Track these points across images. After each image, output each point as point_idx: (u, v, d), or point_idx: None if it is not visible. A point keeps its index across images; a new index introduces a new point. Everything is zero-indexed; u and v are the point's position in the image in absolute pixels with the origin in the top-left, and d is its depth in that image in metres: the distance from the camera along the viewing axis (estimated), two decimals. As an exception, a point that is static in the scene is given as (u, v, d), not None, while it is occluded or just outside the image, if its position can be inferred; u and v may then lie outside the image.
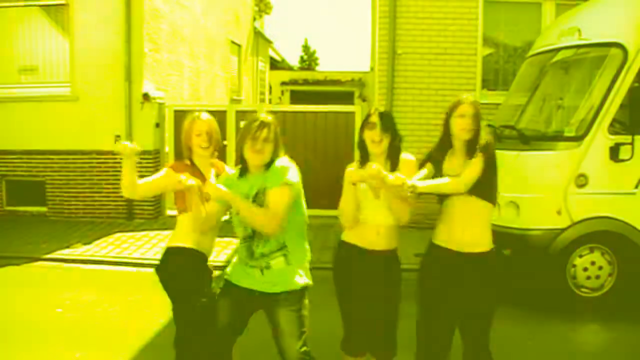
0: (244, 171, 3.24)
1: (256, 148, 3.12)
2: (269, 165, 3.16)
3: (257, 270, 3.17)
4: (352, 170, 3.14)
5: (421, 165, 3.28)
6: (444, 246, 3.23)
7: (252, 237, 3.18)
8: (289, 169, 3.13)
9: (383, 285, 3.31)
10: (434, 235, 3.32)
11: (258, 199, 3.11)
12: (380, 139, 3.24)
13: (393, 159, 3.27)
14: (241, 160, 3.23)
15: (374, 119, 3.27)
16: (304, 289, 3.22)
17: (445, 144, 3.27)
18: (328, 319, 3.81)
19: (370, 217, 3.27)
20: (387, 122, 3.27)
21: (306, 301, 3.22)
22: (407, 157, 3.29)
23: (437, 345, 3.29)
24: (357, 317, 3.36)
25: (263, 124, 3.15)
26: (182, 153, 3.55)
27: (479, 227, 3.20)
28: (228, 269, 3.37)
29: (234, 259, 3.38)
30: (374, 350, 3.40)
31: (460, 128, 3.16)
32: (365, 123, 3.32)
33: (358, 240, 3.31)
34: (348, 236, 3.36)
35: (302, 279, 3.21)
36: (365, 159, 3.30)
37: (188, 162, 3.46)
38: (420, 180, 3.06)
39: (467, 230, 3.17)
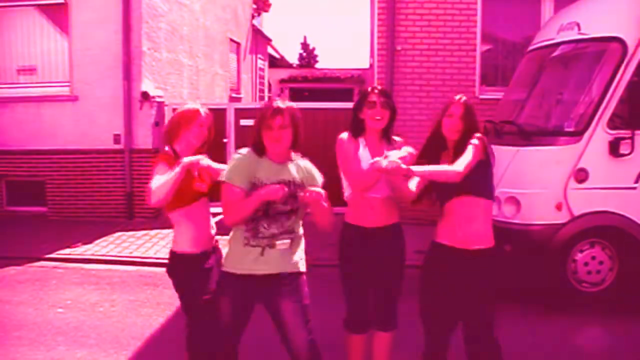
0: (261, 152, 3.15)
1: (274, 137, 3.09)
2: (291, 151, 3.18)
3: (257, 250, 3.08)
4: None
5: (416, 161, 3.26)
6: (445, 243, 3.24)
7: (262, 216, 3.07)
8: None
9: (386, 261, 3.41)
10: (435, 233, 3.33)
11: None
12: (382, 116, 3.39)
13: (388, 136, 3.43)
14: (259, 148, 3.16)
15: (374, 97, 3.42)
16: (302, 275, 3.18)
17: (436, 141, 3.29)
18: (329, 316, 3.82)
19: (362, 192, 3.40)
20: (387, 99, 3.44)
21: (306, 289, 3.18)
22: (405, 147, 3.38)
23: (438, 341, 3.33)
24: (360, 293, 3.48)
25: (277, 111, 3.10)
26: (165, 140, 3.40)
27: (479, 224, 3.20)
28: (223, 260, 3.27)
29: (230, 246, 3.25)
30: (377, 321, 3.52)
31: (447, 128, 3.22)
32: (365, 102, 3.44)
33: (358, 219, 3.44)
34: (349, 216, 3.50)
35: (300, 264, 3.18)
36: (356, 134, 3.48)
37: (172, 153, 3.32)
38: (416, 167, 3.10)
39: (468, 228, 3.17)
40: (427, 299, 3.33)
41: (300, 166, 3.22)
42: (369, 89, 3.51)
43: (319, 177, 3.22)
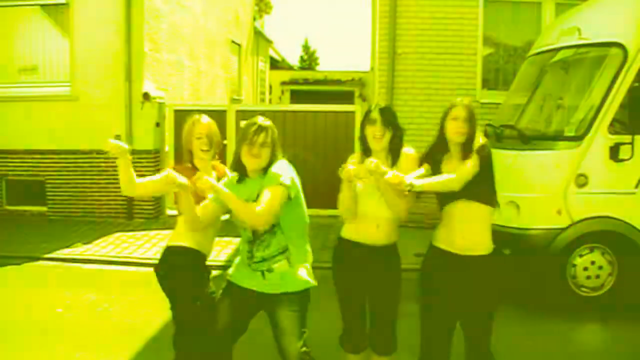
0: (242, 176, 3.24)
1: (253, 152, 3.12)
2: (266, 169, 3.15)
3: (259, 274, 3.17)
4: (349, 169, 3.09)
5: (420, 163, 3.27)
6: (443, 248, 3.23)
7: (252, 241, 3.18)
8: (285, 172, 3.11)
9: (383, 280, 3.32)
10: (434, 237, 3.31)
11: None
12: (382, 134, 3.26)
13: (394, 154, 3.29)
14: (238, 165, 3.22)
15: (375, 114, 3.29)
16: (307, 289, 3.21)
17: (440, 145, 3.26)
18: (327, 318, 3.81)
19: (369, 210, 3.27)
20: (388, 117, 3.30)
21: (307, 302, 3.22)
22: (408, 151, 3.32)
23: (437, 346, 3.29)
24: (356, 312, 3.39)
25: (260, 129, 3.15)
26: (183, 155, 3.56)
27: (479, 230, 3.19)
28: (230, 270, 3.36)
29: (237, 260, 3.36)
30: (374, 344, 3.41)
31: (453, 131, 3.17)
32: (367, 119, 3.33)
33: (357, 236, 3.32)
34: (347, 232, 3.38)
35: (304, 279, 3.20)
36: (366, 153, 3.31)
37: (189, 165, 3.45)
38: (417, 178, 3.05)
39: (467, 234, 3.16)
40: (427, 304, 3.30)
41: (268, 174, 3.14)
42: (372, 106, 3.38)
43: (277, 178, 3.06)
